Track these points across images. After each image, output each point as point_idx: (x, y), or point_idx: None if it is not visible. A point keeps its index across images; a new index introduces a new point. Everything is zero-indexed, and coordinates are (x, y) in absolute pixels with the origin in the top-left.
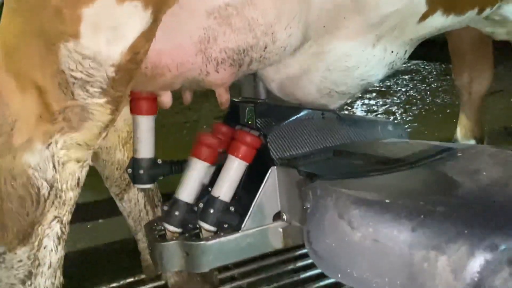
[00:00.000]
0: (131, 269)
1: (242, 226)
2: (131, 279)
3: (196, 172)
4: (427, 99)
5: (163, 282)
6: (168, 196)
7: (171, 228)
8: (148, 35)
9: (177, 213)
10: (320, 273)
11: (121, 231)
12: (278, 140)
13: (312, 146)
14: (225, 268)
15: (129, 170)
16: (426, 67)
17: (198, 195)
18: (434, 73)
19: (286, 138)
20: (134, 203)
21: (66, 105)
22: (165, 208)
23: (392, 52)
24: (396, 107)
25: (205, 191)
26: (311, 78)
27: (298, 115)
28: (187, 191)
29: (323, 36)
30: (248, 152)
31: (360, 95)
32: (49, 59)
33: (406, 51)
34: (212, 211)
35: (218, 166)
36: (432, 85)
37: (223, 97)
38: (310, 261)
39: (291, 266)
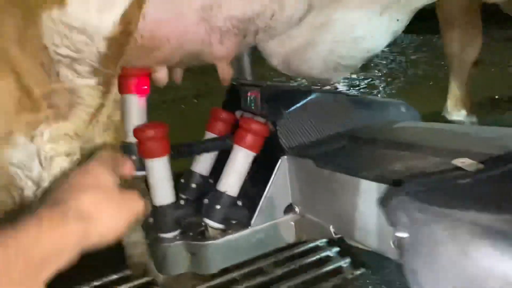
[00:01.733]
0: (115, 265)
1: (252, 221)
2: (116, 276)
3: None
4: (409, 72)
5: (151, 278)
6: None
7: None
8: (140, 0)
9: (218, 206)
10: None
11: None
12: (287, 127)
13: (324, 132)
14: None
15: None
16: (404, 39)
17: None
18: (413, 45)
19: (295, 124)
20: None
21: (50, 89)
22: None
23: (398, 20)
24: (378, 80)
25: (206, 183)
26: (318, 50)
27: (307, 99)
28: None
29: (329, 5)
30: (256, 141)
31: None
32: (28, 33)
33: (408, 18)
34: (218, 207)
35: (218, 156)
36: (412, 57)
37: (226, 72)
38: (304, 248)
39: (286, 255)
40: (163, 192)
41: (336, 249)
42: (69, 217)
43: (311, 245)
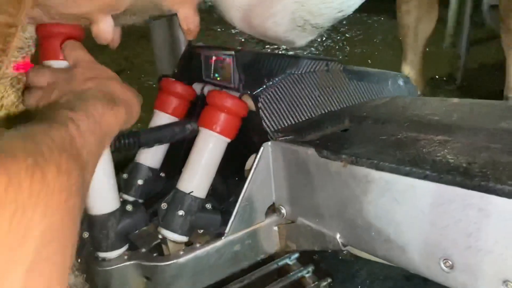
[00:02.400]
0: None
1: (227, 229)
2: None
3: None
4: (346, 50)
5: None
6: None
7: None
8: None
9: (181, 212)
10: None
11: None
12: (271, 104)
13: (317, 110)
14: None
15: None
16: None
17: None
18: (344, 22)
19: (282, 101)
20: None
21: None
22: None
23: None
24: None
25: (157, 179)
26: (286, 4)
27: (295, 68)
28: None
29: None
30: (231, 123)
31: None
32: None
33: None
34: (181, 213)
35: (173, 144)
36: (347, 34)
37: (191, 21)
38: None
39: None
40: (104, 196)
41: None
42: (111, 103)
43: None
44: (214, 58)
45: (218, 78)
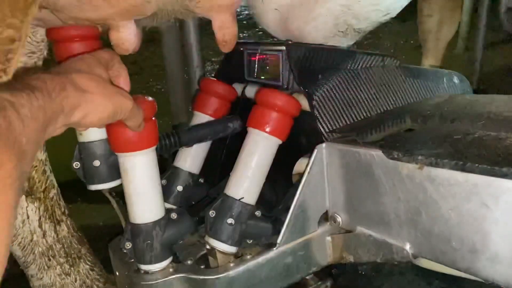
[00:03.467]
0: None
1: (279, 240)
2: None
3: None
4: None
5: None
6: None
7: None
8: None
9: (231, 221)
10: None
11: None
12: (326, 102)
13: (374, 109)
14: None
15: (77, 164)
16: None
17: None
18: None
19: (337, 98)
20: (22, 221)
21: None
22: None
23: None
24: None
25: (197, 185)
26: (329, 7)
27: (350, 63)
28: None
29: None
30: (283, 123)
31: None
32: None
33: None
34: (231, 221)
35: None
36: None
37: (228, 31)
38: None
39: None
40: (148, 203)
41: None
42: (67, 84)
43: None
44: (258, 55)
45: (263, 77)
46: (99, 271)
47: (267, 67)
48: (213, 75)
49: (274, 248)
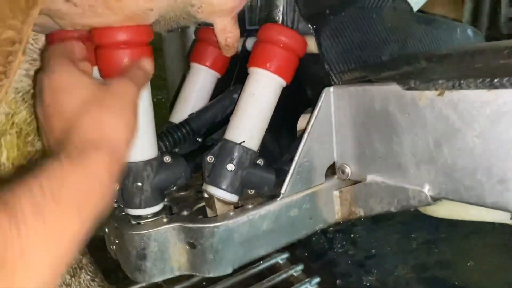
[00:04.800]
0: None
1: (282, 190)
2: None
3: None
4: None
5: None
6: None
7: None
8: None
9: (232, 167)
10: None
11: None
12: (334, 41)
13: (385, 52)
14: None
15: None
16: None
17: None
18: None
19: (346, 38)
20: None
21: None
22: None
23: None
24: None
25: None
26: None
27: (360, 1)
28: None
29: None
30: (288, 62)
31: None
32: None
33: None
34: (231, 167)
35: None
36: None
37: (231, 35)
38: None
39: None
40: (140, 140)
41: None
42: (86, 150)
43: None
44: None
45: (266, 17)
46: (100, 282)
47: (271, 9)
48: None
49: (278, 199)
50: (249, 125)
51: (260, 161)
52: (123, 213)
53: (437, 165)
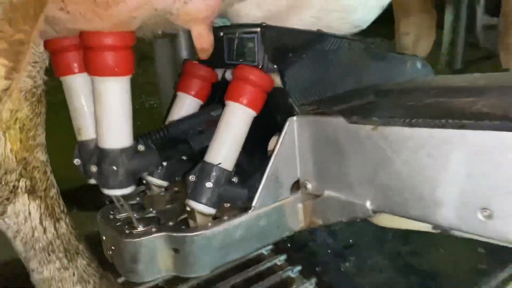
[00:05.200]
0: None
1: (253, 203)
2: None
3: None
4: None
5: None
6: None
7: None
8: None
9: (210, 184)
10: None
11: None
12: (296, 79)
13: (340, 87)
14: None
15: (77, 161)
16: None
17: None
18: None
19: (307, 76)
20: (24, 217)
21: None
22: None
23: None
24: None
25: (181, 162)
26: (302, 17)
27: (319, 44)
28: None
29: None
30: (257, 96)
31: None
32: None
33: None
34: (210, 185)
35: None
36: None
37: (205, 40)
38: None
39: (238, 279)
40: (118, 129)
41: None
42: None
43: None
44: (237, 40)
45: (241, 60)
46: (96, 267)
47: (245, 50)
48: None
49: (249, 211)
50: (224, 149)
51: (235, 179)
52: (118, 224)
53: (375, 185)
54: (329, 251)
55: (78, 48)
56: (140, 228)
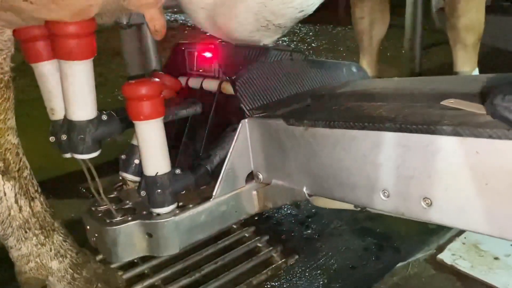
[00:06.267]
0: (3, 284)
1: (214, 192)
2: None
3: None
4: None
5: None
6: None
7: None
8: None
9: (159, 191)
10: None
11: None
12: (246, 87)
13: (284, 93)
14: (131, 264)
15: (52, 138)
16: (301, 28)
17: None
18: (311, 33)
19: (255, 84)
20: (0, 197)
21: None
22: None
23: None
24: None
25: None
26: (249, 4)
27: (265, 57)
28: None
29: None
30: (153, 105)
31: None
32: None
33: None
34: (159, 191)
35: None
36: (313, 44)
37: (158, 22)
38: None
39: (210, 251)
40: (84, 104)
41: (265, 237)
42: None
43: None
44: (196, 53)
45: (201, 70)
46: (72, 243)
47: (203, 62)
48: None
49: (211, 199)
50: (153, 160)
51: (178, 171)
52: (100, 215)
53: (308, 174)
54: (293, 221)
55: (47, 37)
56: (118, 218)
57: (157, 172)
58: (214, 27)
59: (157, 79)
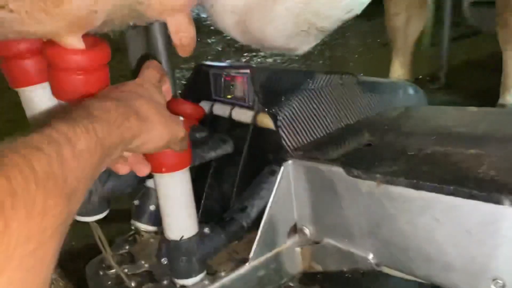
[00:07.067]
0: None
1: (250, 255)
2: None
3: None
4: (326, 54)
5: None
6: None
7: None
8: None
9: (184, 258)
10: None
11: None
12: (289, 121)
13: (334, 124)
14: None
15: None
16: None
17: None
18: None
19: (299, 117)
20: None
21: None
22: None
23: None
24: (296, 64)
25: None
26: (288, 5)
27: (310, 83)
28: None
29: None
30: (177, 155)
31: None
32: None
33: None
34: (184, 259)
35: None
36: (325, 39)
37: (186, 34)
38: None
39: None
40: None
41: None
42: (131, 113)
43: None
44: (224, 76)
45: (229, 97)
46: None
47: (233, 88)
48: (179, 92)
49: (247, 264)
50: (179, 220)
51: (206, 230)
52: (109, 283)
53: (378, 239)
54: None
55: (37, 53)
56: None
57: (182, 236)
58: (244, 33)
59: (181, 118)
